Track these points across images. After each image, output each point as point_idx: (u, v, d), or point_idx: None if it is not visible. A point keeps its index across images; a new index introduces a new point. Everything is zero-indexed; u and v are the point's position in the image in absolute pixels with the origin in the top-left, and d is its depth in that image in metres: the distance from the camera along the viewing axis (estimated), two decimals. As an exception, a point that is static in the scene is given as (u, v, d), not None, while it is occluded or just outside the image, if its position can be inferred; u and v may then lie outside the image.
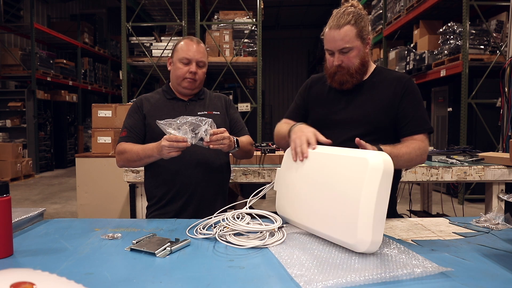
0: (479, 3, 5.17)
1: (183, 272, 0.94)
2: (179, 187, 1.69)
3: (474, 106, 5.19)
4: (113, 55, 11.57)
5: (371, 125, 1.50)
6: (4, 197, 1.04)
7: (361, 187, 1.01)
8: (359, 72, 1.49)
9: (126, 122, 1.77)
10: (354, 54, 1.46)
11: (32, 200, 5.75)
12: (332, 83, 1.54)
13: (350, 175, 1.06)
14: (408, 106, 1.49)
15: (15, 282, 0.54)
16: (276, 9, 12.94)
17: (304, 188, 1.22)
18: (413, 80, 1.57)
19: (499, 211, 1.42)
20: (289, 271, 0.93)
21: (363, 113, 1.51)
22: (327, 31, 1.47)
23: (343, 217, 1.05)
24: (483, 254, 1.06)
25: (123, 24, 6.23)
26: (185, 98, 1.80)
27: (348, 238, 1.03)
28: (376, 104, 1.51)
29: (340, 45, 1.44)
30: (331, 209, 1.09)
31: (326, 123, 1.56)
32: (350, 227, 1.02)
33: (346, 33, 1.42)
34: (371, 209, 0.99)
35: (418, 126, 1.49)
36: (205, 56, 1.76)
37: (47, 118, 8.71)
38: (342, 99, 1.56)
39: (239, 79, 6.29)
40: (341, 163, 1.12)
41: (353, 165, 1.06)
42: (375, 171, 1.01)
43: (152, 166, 1.73)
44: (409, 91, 1.50)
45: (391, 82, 1.53)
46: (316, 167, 1.20)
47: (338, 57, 1.47)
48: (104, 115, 3.77)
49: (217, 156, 1.74)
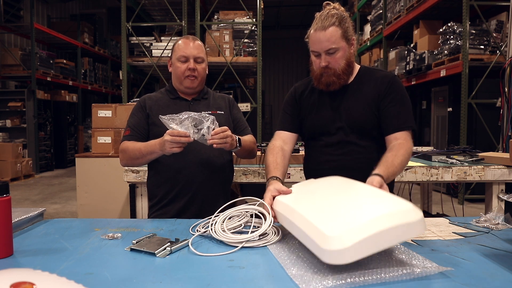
0: (479, 3, 5.17)
1: (183, 272, 0.94)
2: (181, 186, 1.69)
3: (474, 106, 5.19)
4: (113, 55, 11.57)
5: (362, 128, 1.54)
6: (4, 197, 1.04)
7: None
8: (345, 72, 1.51)
9: (130, 122, 1.78)
10: (340, 54, 1.48)
11: (32, 200, 5.75)
12: (319, 85, 1.56)
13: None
14: (390, 105, 1.52)
15: (15, 282, 0.54)
16: (276, 9, 12.94)
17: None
18: (397, 78, 1.58)
19: (499, 211, 1.42)
20: (288, 272, 0.93)
21: (352, 117, 1.54)
22: (312, 33, 1.48)
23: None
24: (483, 254, 1.06)
25: (123, 24, 6.23)
26: (188, 98, 1.80)
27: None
28: (363, 107, 1.53)
29: (326, 46, 1.46)
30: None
31: (319, 130, 1.61)
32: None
33: (331, 34, 1.45)
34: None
35: (401, 124, 1.50)
36: (203, 52, 1.77)
37: (47, 118, 8.71)
38: (331, 105, 1.58)
39: (239, 79, 6.30)
40: (308, 227, 1.00)
41: (316, 235, 0.95)
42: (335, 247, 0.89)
43: (155, 165, 1.74)
44: (392, 89, 1.53)
45: (375, 82, 1.55)
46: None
47: (325, 58, 1.48)
48: (104, 115, 3.76)
49: (220, 155, 1.74)
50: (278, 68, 15.36)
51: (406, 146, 1.45)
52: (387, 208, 0.96)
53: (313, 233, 0.95)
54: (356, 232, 0.89)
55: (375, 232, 0.89)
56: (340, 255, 0.87)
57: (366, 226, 0.90)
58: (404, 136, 1.49)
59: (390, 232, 0.90)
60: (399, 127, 1.50)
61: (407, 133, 1.50)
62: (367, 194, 1.09)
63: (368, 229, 0.89)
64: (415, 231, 0.93)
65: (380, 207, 0.97)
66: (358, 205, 1.02)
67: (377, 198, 1.04)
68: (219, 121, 1.69)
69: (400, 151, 1.43)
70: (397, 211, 0.94)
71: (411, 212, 0.94)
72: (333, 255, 0.88)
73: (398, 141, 1.47)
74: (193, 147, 1.64)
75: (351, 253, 0.87)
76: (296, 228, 1.05)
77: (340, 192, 1.16)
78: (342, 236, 0.89)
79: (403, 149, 1.43)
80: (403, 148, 1.44)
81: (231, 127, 1.75)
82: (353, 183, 1.21)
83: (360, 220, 0.92)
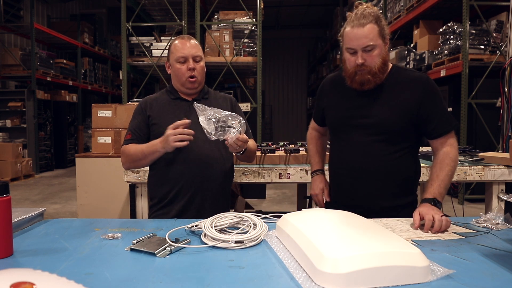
0: (479, 3, 5.17)
1: (183, 272, 0.94)
2: (182, 186, 1.69)
3: (474, 106, 5.19)
4: (113, 55, 11.57)
5: (387, 130, 1.51)
6: (4, 197, 1.04)
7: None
8: (381, 71, 1.49)
9: (130, 125, 1.78)
10: (377, 52, 1.46)
11: (32, 200, 5.75)
12: (352, 84, 1.52)
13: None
14: (431, 108, 1.50)
15: (15, 282, 0.54)
16: (276, 9, 12.93)
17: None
18: (431, 80, 1.57)
19: (499, 211, 1.42)
20: (291, 270, 0.93)
21: (379, 118, 1.51)
22: (349, 30, 1.46)
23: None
24: (483, 254, 1.06)
25: (123, 24, 6.23)
26: (189, 98, 1.80)
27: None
28: (393, 108, 1.51)
29: (364, 42, 1.44)
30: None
31: (342, 127, 1.60)
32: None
33: (369, 31, 1.43)
34: None
35: (445, 126, 1.51)
36: (200, 50, 1.77)
37: (47, 118, 8.71)
38: (359, 103, 1.56)
39: (239, 79, 6.30)
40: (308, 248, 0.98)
41: (314, 256, 0.93)
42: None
43: (155, 165, 1.74)
44: (429, 92, 1.51)
45: (408, 84, 1.53)
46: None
47: (362, 55, 1.45)
48: (104, 115, 3.76)
49: (220, 155, 1.74)
50: (278, 68, 15.36)
51: (451, 152, 1.49)
52: (393, 247, 0.93)
53: (312, 253, 0.93)
54: (355, 261, 0.86)
55: (375, 266, 0.86)
56: (334, 280, 0.84)
57: (367, 258, 0.87)
58: (448, 140, 1.51)
59: (391, 271, 0.87)
60: (443, 131, 1.51)
61: (450, 135, 1.52)
62: (377, 232, 1.05)
63: (368, 261, 0.86)
64: (417, 277, 0.88)
65: (386, 244, 0.94)
66: (364, 238, 0.99)
67: (386, 237, 1.01)
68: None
69: (444, 161, 1.48)
70: (403, 253, 0.91)
71: (417, 257, 0.91)
72: (327, 278, 0.85)
73: (443, 149, 1.50)
74: (193, 147, 1.64)
75: (345, 281, 0.84)
76: (296, 247, 1.02)
77: (350, 224, 1.13)
78: (340, 260, 0.86)
79: (447, 159, 1.48)
80: (448, 157, 1.48)
81: None
82: (367, 220, 1.17)
83: (362, 251, 0.89)
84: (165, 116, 1.72)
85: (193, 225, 1.28)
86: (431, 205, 1.36)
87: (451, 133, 1.52)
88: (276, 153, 2.53)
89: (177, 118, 1.61)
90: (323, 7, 12.55)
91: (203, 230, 1.18)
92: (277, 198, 5.74)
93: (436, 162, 1.50)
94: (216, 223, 1.21)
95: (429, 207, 1.34)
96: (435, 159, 1.53)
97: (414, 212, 1.35)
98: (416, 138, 1.59)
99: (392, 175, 1.54)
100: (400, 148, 1.54)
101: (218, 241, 1.12)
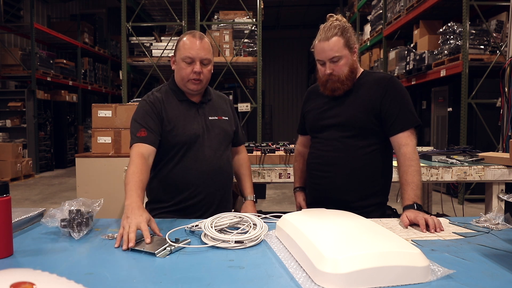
0: (479, 3, 5.17)
1: (183, 272, 0.94)
2: (182, 187, 1.66)
3: (474, 106, 5.19)
4: (113, 55, 11.57)
5: (356, 127, 1.60)
6: (4, 197, 1.04)
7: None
8: (349, 79, 1.60)
9: (144, 122, 1.60)
10: (343, 62, 1.57)
11: (32, 200, 5.75)
12: (325, 91, 1.65)
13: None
14: (390, 106, 1.58)
15: (15, 282, 0.54)
16: (276, 9, 12.94)
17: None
18: (395, 78, 1.65)
19: (499, 211, 1.42)
20: (291, 270, 0.93)
21: (347, 116, 1.61)
22: (317, 43, 1.59)
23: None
24: (483, 254, 1.06)
25: (123, 24, 6.23)
26: (195, 100, 1.73)
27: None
28: (359, 106, 1.60)
29: (330, 54, 1.56)
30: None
31: (316, 127, 1.71)
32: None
33: (334, 43, 1.55)
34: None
35: (404, 124, 1.57)
36: (210, 53, 1.64)
37: (47, 118, 8.70)
38: (330, 105, 1.67)
39: (239, 79, 6.30)
40: (308, 248, 0.99)
41: (314, 256, 0.93)
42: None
43: (156, 168, 1.69)
44: (391, 90, 1.59)
45: (373, 84, 1.63)
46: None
47: (329, 66, 1.58)
48: (104, 115, 3.76)
49: (221, 156, 1.71)
50: (278, 68, 15.35)
51: (408, 153, 1.53)
52: (394, 247, 0.93)
53: (312, 253, 0.93)
54: (355, 261, 0.86)
55: (375, 266, 0.86)
56: (334, 280, 0.85)
57: (367, 258, 0.87)
58: (406, 137, 1.56)
59: (391, 271, 0.87)
60: (401, 128, 1.56)
61: (409, 133, 1.57)
62: (377, 232, 1.05)
63: (368, 261, 0.87)
64: (417, 277, 0.88)
65: (386, 245, 0.94)
66: (364, 238, 0.99)
67: (387, 237, 1.01)
68: (225, 128, 1.72)
69: (405, 162, 1.52)
70: (403, 253, 0.91)
71: (417, 257, 0.91)
72: (327, 278, 0.85)
73: (400, 151, 1.55)
74: (193, 151, 1.64)
75: (345, 281, 0.84)
76: (296, 247, 1.02)
77: (350, 225, 1.13)
78: (340, 261, 0.86)
79: (407, 160, 1.52)
80: (406, 158, 1.53)
81: (233, 133, 1.80)
82: (367, 220, 1.18)
83: (362, 251, 0.89)
84: (177, 123, 1.65)
85: (193, 225, 1.28)
86: (415, 209, 1.41)
87: (409, 131, 1.57)
88: (276, 153, 2.53)
89: (188, 124, 1.64)
90: (323, 7, 12.54)
91: (203, 230, 1.18)
92: (277, 198, 5.75)
93: (399, 167, 1.55)
94: (216, 223, 1.21)
95: (413, 211, 1.39)
96: (397, 164, 1.57)
97: (401, 217, 1.40)
98: (386, 136, 1.63)
99: (360, 170, 1.61)
100: (368, 143, 1.61)
101: (218, 241, 1.12)
